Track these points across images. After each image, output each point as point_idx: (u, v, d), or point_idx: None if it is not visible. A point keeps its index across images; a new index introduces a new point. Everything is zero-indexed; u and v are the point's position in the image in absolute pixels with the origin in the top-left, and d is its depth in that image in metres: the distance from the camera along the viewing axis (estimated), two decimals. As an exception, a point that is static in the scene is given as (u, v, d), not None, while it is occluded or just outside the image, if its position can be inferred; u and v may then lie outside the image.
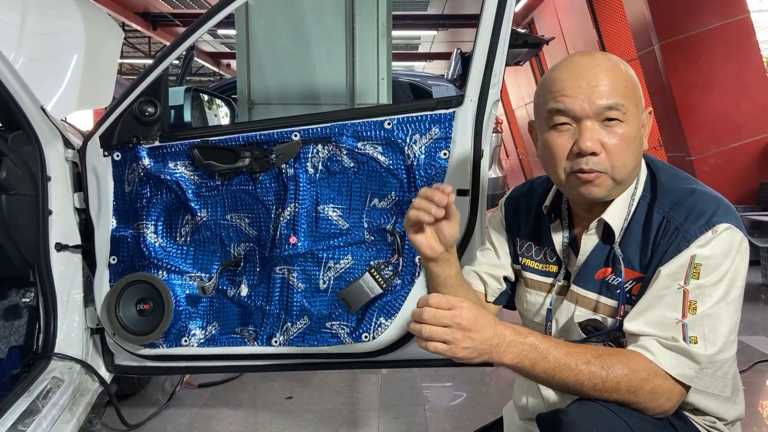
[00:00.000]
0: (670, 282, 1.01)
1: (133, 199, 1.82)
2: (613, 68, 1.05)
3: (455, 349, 0.94)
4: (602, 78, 1.03)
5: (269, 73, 3.31)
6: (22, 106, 1.74)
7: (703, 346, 0.98)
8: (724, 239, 1.01)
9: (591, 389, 0.98)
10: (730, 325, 1.01)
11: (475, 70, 1.64)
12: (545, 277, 1.22)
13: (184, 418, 2.32)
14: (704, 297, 1.00)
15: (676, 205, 1.05)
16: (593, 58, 1.06)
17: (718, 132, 5.74)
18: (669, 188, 1.08)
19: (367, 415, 2.36)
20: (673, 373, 0.98)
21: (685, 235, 1.01)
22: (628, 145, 1.04)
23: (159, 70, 1.73)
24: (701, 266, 1.00)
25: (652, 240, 1.05)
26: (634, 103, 1.04)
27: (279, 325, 1.82)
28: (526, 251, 1.26)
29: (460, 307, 0.95)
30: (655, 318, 1.01)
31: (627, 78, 1.05)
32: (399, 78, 5.28)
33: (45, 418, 1.59)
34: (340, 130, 1.74)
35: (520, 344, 0.97)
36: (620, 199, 1.09)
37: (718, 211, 1.02)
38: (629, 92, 1.04)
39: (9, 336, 2.01)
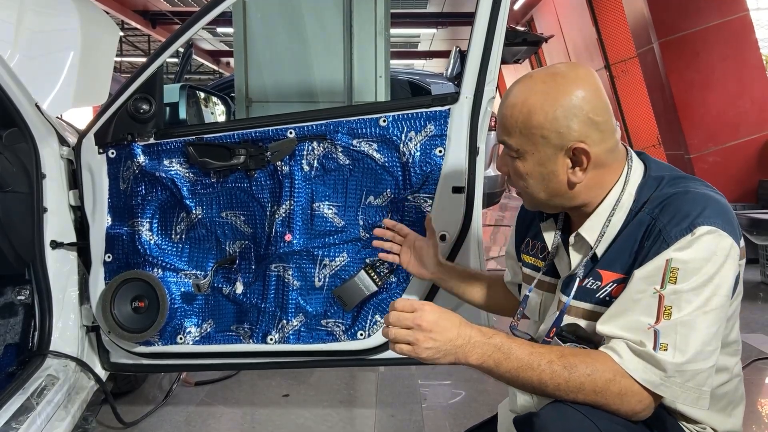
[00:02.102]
0: (645, 286, 0.98)
1: (129, 197, 1.82)
2: (513, 106, 1.06)
3: (418, 350, 1.00)
4: (502, 113, 1.09)
5: (267, 70, 3.30)
6: (17, 103, 1.73)
7: (671, 354, 0.95)
8: (706, 242, 0.96)
9: (555, 389, 0.98)
10: (707, 335, 0.96)
11: (471, 68, 1.64)
12: (533, 271, 1.25)
13: (180, 416, 2.32)
14: (681, 303, 0.96)
15: (664, 207, 1.02)
16: (510, 90, 1.09)
17: (717, 130, 5.73)
18: (663, 193, 1.05)
19: (364, 413, 2.35)
20: (637, 377, 0.96)
21: (666, 237, 0.98)
22: (521, 178, 1.09)
23: (154, 67, 1.73)
24: (678, 270, 0.96)
25: (638, 242, 1.03)
26: (530, 143, 1.05)
27: (274, 322, 1.81)
28: (525, 247, 1.29)
29: (422, 309, 1.00)
30: (628, 322, 0.99)
31: (521, 120, 1.05)
32: (398, 76, 5.27)
33: (39, 416, 1.59)
34: (336, 127, 1.73)
35: (484, 344, 1.00)
36: (600, 210, 1.09)
37: (704, 212, 0.98)
38: (519, 132, 1.05)
39: (4, 334, 2.00)
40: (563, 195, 1.09)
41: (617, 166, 1.09)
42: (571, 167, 1.05)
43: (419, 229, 1.71)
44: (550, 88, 1.03)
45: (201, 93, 2.72)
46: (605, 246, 1.08)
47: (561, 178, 1.06)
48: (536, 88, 1.04)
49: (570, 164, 1.05)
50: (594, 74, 1.07)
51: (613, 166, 1.08)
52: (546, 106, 1.02)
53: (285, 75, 3.31)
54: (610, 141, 1.05)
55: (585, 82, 1.03)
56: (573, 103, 1.02)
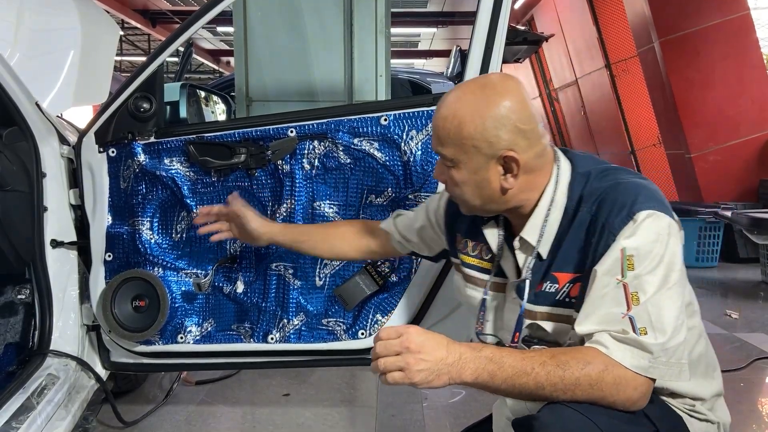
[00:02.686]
0: (608, 279, 1.02)
1: (129, 196, 1.82)
2: (444, 118, 1.11)
3: (411, 374, 0.98)
4: (435, 124, 1.14)
5: (267, 69, 3.30)
6: (17, 101, 1.73)
7: (653, 336, 1.00)
8: (649, 225, 1.03)
9: (552, 390, 0.98)
10: (675, 309, 1.02)
11: (472, 66, 1.63)
12: (482, 274, 1.27)
13: (180, 415, 2.31)
14: (644, 286, 1.01)
15: (600, 203, 1.08)
16: (441, 102, 1.13)
17: (717, 129, 5.73)
18: (594, 188, 1.10)
19: (365, 413, 2.35)
20: (627, 364, 0.99)
21: (611, 229, 1.04)
22: (457, 186, 1.14)
23: (154, 65, 1.73)
24: (633, 257, 1.02)
25: (584, 240, 1.09)
26: (463, 152, 1.10)
27: (275, 322, 1.81)
28: (463, 247, 1.31)
29: (407, 332, 0.99)
30: (602, 317, 1.02)
31: (453, 131, 1.09)
32: (398, 75, 5.27)
33: (40, 415, 1.58)
34: (337, 126, 1.73)
35: (476, 358, 1.00)
36: (538, 213, 1.14)
37: (638, 199, 1.05)
38: (451, 143, 1.10)
39: (4, 333, 2.00)
40: (497, 200, 1.14)
41: (547, 168, 1.14)
42: (503, 174, 1.11)
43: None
44: (479, 100, 1.08)
45: (201, 92, 2.72)
46: (548, 245, 1.13)
47: (494, 185, 1.12)
48: (466, 99, 1.10)
49: (502, 171, 1.11)
50: (520, 85, 1.13)
51: (543, 168, 1.14)
52: (476, 117, 1.07)
53: (285, 74, 3.30)
54: (537, 146, 1.11)
55: (511, 93, 1.09)
56: (501, 114, 1.07)
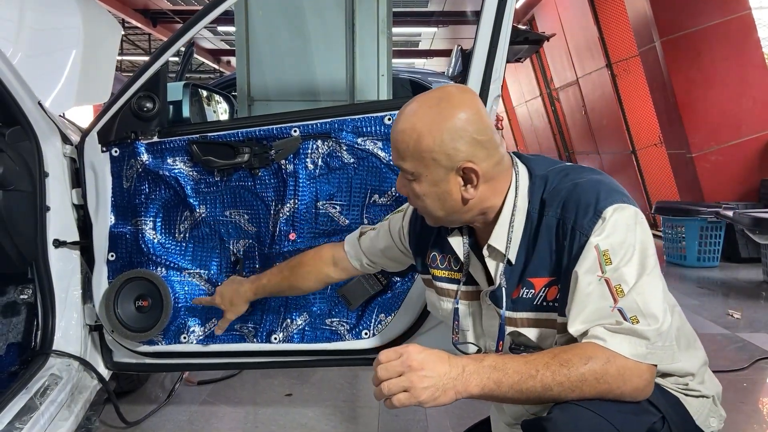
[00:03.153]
0: (590, 277, 1.04)
1: (132, 196, 1.81)
2: (402, 131, 1.11)
3: (417, 393, 0.97)
4: (393, 138, 1.15)
5: (269, 69, 3.29)
6: (19, 101, 1.72)
7: (645, 323, 1.01)
8: (617, 219, 1.05)
9: (560, 390, 0.98)
10: (659, 293, 1.04)
11: (476, 66, 1.63)
12: (452, 284, 1.29)
13: (183, 415, 2.31)
14: (625, 277, 1.03)
15: (564, 206, 1.10)
16: (399, 116, 1.13)
17: (719, 129, 5.72)
18: (554, 191, 1.12)
19: (368, 413, 2.35)
20: (626, 353, 0.99)
21: (581, 231, 1.06)
22: (419, 199, 1.15)
23: (157, 65, 1.72)
24: (609, 251, 1.04)
25: (555, 243, 1.10)
26: (423, 165, 1.11)
27: (279, 321, 1.81)
28: (432, 261, 1.32)
29: (407, 351, 1.00)
30: (592, 313, 1.03)
31: (411, 144, 1.10)
32: (399, 75, 5.26)
33: (43, 416, 1.58)
34: (340, 125, 1.72)
35: (480, 369, 0.99)
36: (502, 220, 1.15)
37: (600, 196, 1.07)
38: (411, 156, 1.11)
39: (7, 333, 2.00)
40: (459, 211, 1.15)
41: (506, 175, 1.16)
42: (463, 185, 1.12)
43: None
44: (436, 114, 1.09)
45: (203, 91, 2.71)
46: (515, 250, 1.15)
47: (455, 196, 1.13)
48: (423, 113, 1.10)
49: (462, 182, 1.12)
50: (476, 96, 1.15)
51: (502, 176, 1.15)
52: (433, 130, 1.08)
53: (287, 74, 3.30)
54: (495, 155, 1.12)
55: (467, 105, 1.10)
56: (458, 126, 1.08)
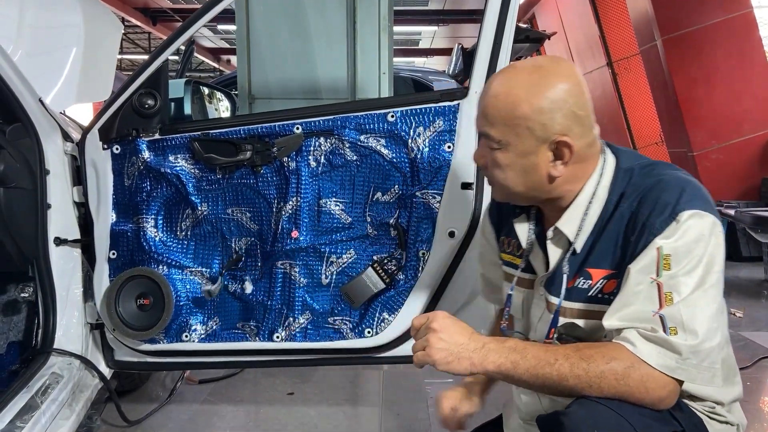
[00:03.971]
0: (642, 277, 0.99)
1: (133, 193, 1.80)
2: (496, 96, 1.06)
3: (431, 351, 1.01)
4: (482, 104, 1.08)
5: (270, 67, 3.28)
6: (20, 98, 1.71)
7: (683, 337, 0.96)
8: (692, 226, 0.98)
9: (576, 382, 0.96)
10: (711, 311, 0.98)
11: (480, 62, 1.62)
12: (512, 269, 1.25)
13: (184, 414, 2.30)
14: (679, 287, 0.97)
15: (642, 200, 1.04)
16: (493, 81, 1.08)
17: (720, 128, 5.71)
18: (636, 185, 1.07)
19: (370, 412, 2.34)
20: (653, 363, 0.96)
21: (651, 229, 1.00)
22: (500, 169, 1.09)
23: (159, 61, 1.71)
24: (671, 257, 0.98)
25: (622, 237, 1.05)
26: (513, 134, 1.05)
27: (281, 320, 1.80)
28: (502, 246, 1.29)
29: (433, 314, 1.04)
30: (632, 313, 0.99)
31: (505, 110, 1.04)
32: (399, 73, 5.24)
33: (44, 414, 1.57)
34: (343, 122, 1.71)
35: (499, 348, 1.00)
36: (578, 204, 1.10)
37: (682, 198, 1.00)
38: (502, 123, 1.05)
39: (8, 331, 1.99)
40: (541, 188, 1.09)
41: (594, 160, 1.10)
42: (552, 160, 1.06)
43: (427, 225, 1.70)
44: (536, 80, 1.04)
45: (205, 89, 2.70)
46: (584, 240, 1.09)
47: (541, 171, 1.07)
48: (521, 79, 1.05)
49: (551, 157, 1.06)
50: (577, 69, 1.08)
51: (591, 159, 1.09)
52: (531, 97, 1.03)
53: (288, 71, 3.28)
54: (590, 135, 1.07)
55: (569, 77, 1.04)
56: (558, 96, 1.02)
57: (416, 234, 1.72)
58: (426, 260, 1.72)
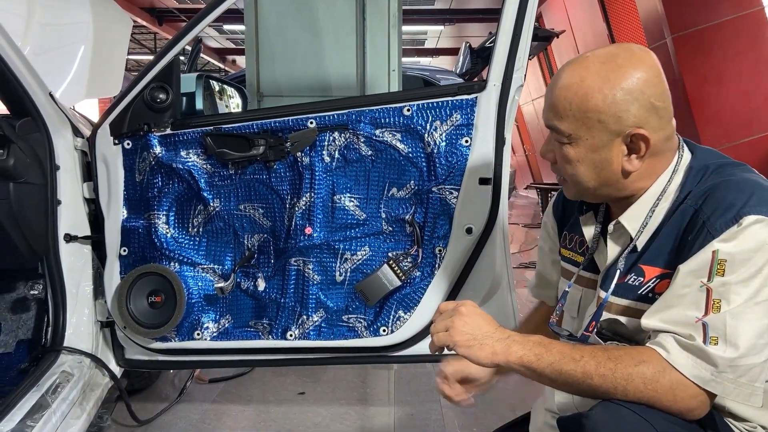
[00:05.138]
0: (691, 280, 0.93)
1: (144, 189, 1.77)
2: (567, 87, 0.99)
3: (454, 333, 0.99)
4: (550, 96, 1.03)
5: (279, 64, 3.25)
6: (30, 92, 1.69)
7: (722, 348, 0.90)
8: (754, 232, 0.91)
9: (601, 382, 0.92)
10: (760, 327, 0.91)
11: (499, 54, 1.58)
12: (572, 266, 1.19)
13: (195, 413, 2.27)
14: (730, 295, 0.91)
15: (708, 198, 0.97)
16: (563, 71, 1.02)
17: (730, 126, 5.67)
18: (705, 183, 0.99)
19: (382, 411, 2.31)
20: (686, 373, 0.90)
21: (710, 229, 0.93)
22: (570, 165, 1.03)
23: (171, 54, 1.68)
24: (726, 262, 0.91)
25: (681, 235, 0.98)
26: (585, 127, 0.99)
27: (294, 318, 1.76)
28: (563, 241, 1.24)
29: (463, 302, 1.03)
30: (674, 316, 0.94)
31: (576, 102, 0.98)
32: (407, 72, 5.21)
33: (54, 414, 1.54)
34: (358, 117, 1.68)
35: (524, 341, 0.98)
36: (644, 199, 1.04)
37: (750, 201, 0.93)
38: (572, 116, 0.99)
39: (17, 329, 1.96)
40: (614, 184, 1.03)
41: (670, 156, 1.03)
42: (626, 154, 1.00)
43: (443, 221, 1.67)
44: (610, 70, 0.97)
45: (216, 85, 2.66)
46: (646, 238, 1.03)
47: (615, 166, 1.01)
48: (594, 68, 0.98)
49: (626, 151, 1.00)
50: (655, 57, 1.00)
51: (667, 155, 1.03)
52: (605, 88, 0.96)
53: (297, 69, 3.26)
54: (668, 128, 1.00)
55: (646, 65, 0.97)
56: (634, 86, 0.96)
57: (432, 230, 1.69)
58: (443, 257, 1.69)
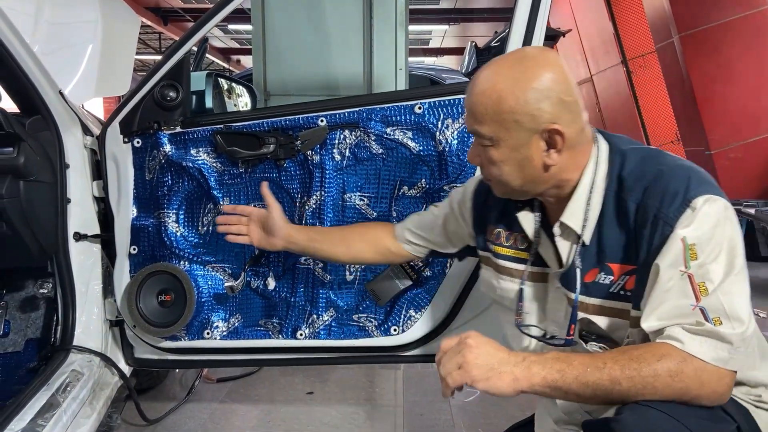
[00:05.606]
0: (672, 272, 0.96)
1: (154, 187, 1.76)
2: (482, 93, 1.05)
3: (469, 368, 0.95)
4: (468, 103, 1.08)
5: (285, 63, 3.24)
6: (41, 90, 1.68)
7: (729, 325, 0.93)
8: (707, 212, 0.97)
9: (630, 385, 0.92)
10: (746, 295, 0.97)
11: (512, 49, 1.56)
12: (518, 264, 1.21)
13: (204, 413, 2.27)
14: (710, 275, 0.95)
15: (647, 191, 1.01)
16: (476, 78, 1.07)
17: (738, 125, 5.63)
18: (637, 174, 1.04)
19: (392, 412, 2.29)
20: (706, 358, 0.92)
21: (666, 219, 0.98)
22: (495, 166, 1.08)
23: (181, 52, 1.67)
24: (696, 245, 0.96)
25: (633, 230, 1.02)
26: (503, 129, 1.04)
27: (304, 317, 1.76)
28: (496, 238, 1.26)
29: (467, 334, 0.99)
30: (670, 310, 0.96)
31: (491, 106, 1.03)
32: (413, 71, 5.20)
33: (65, 413, 1.54)
34: (369, 114, 1.67)
35: (542, 359, 0.96)
36: (578, 196, 1.08)
37: (691, 185, 0.99)
38: (490, 119, 1.04)
39: (26, 328, 1.96)
40: (538, 179, 1.08)
41: (587, 147, 1.09)
42: (545, 150, 1.05)
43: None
44: (519, 73, 1.03)
45: (224, 83, 2.66)
46: (591, 231, 1.07)
47: (536, 162, 1.06)
48: (503, 73, 1.04)
49: (545, 147, 1.05)
50: (559, 56, 1.07)
51: (584, 146, 1.08)
52: (516, 90, 1.02)
53: (304, 68, 3.25)
54: (579, 121, 1.06)
55: (551, 64, 1.03)
56: (543, 85, 1.01)
57: (444, 229, 1.68)
58: (454, 256, 1.68)
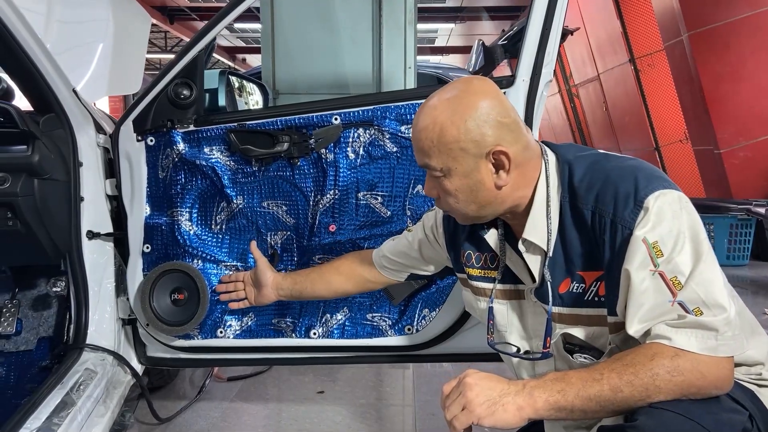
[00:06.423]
0: (642, 274, 0.98)
1: (168, 186, 1.76)
2: (425, 129, 1.09)
3: (473, 408, 0.95)
4: (414, 140, 1.13)
5: (294, 62, 3.24)
6: (55, 88, 1.68)
7: (710, 313, 0.94)
8: (662, 207, 0.98)
9: (630, 390, 0.92)
10: (719, 279, 0.98)
11: (528, 48, 1.55)
12: (488, 283, 1.25)
13: (215, 411, 2.26)
14: (680, 267, 0.97)
15: (599, 197, 1.04)
16: (417, 117, 1.11)
17: (747, 124, 5.59)
18: (587, 182, 1.07)
19: (403, 411, 2.29)
20: (695, 349, 0.93)
21: (623, 223, 1.00)
22: (451, 196, 1.12)
23: (195, 50, 1.66)
24: (658, 242, 0.97)
25: (593, 237, 1.05)
26: (451, 158, 1.08)
27: (318, 316, 1.75)
28: (467, 260, 1.28)
29: (464, 374, 1.00)
30: (650, 311, 0.97)
31: (435, 139, 1.07)
32: (420, 70, 5.19)
33: (80, 412, 1.53)
34: (383, 113, 1.66)
35: (541, 383, 0.96)
36: (536, 211, 1.11)
37: (639, 185, 1.01)
38: (437, 151, 1.08)
39: (38, 327, 1.96)
40: (493, 201, 1.12)
41: (536, 163, 1.12)
42: (495, 172, 1.09)
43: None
44: (456, 104, 1.07)
45: (235, 81, 2.65)
46: (554, 242, 1.10)
47: (488, 185, 1.09)
48: (441, 107, 1.08)
49: (493, 170, 1.09)
50: (492, 83, 1.11)
51: (532, 162, 1.11)
52: (456, 119, 1.06)
53: (313, 66, 3.24)
54: (522, 139, 1.09)
55: (484, 90, 1.08)
56: (481, 112, 1.06)
57: (458, 228, 1.67)
58: (469, 255, 1.67)
